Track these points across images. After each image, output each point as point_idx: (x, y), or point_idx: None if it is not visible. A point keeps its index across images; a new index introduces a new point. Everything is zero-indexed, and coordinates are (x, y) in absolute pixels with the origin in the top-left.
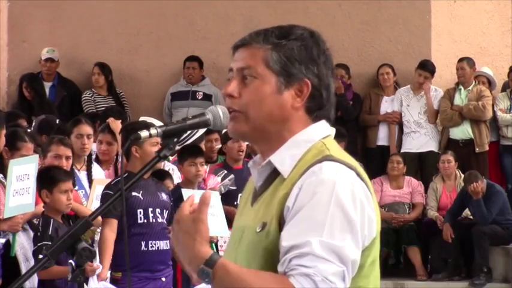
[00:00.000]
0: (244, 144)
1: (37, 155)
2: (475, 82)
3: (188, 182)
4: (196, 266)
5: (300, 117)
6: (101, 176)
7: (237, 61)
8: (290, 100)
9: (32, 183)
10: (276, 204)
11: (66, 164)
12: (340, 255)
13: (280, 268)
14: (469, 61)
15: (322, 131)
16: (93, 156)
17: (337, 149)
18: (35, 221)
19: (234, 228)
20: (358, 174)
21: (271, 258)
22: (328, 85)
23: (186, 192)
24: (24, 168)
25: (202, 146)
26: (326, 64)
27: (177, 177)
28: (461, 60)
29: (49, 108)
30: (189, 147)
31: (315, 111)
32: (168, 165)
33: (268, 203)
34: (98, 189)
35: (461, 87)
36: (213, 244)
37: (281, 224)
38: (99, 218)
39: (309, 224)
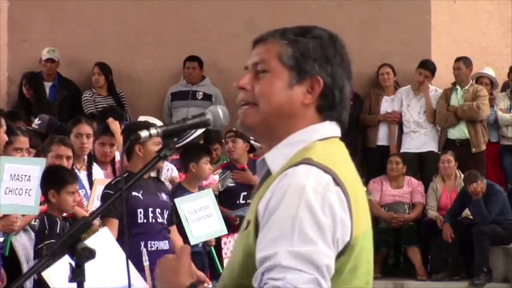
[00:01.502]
0: (233, 145)
1: (44, 159)
2: (472, 82)
3: (192, 180)
4: None
5: (309, 115)
6: (101, 176)
7: (252, 57)
8: (301, 96)
9: (34, 185)
10: (255, 204)
11: (66, 164)
12: (312, 261)
13: (254, 284)
14: (466, 61)
15: (324, 131)
16: None
17: (325, 152)
18: (33, 222)
19: None
20: (334, 179)
21: (250, 259)
22: (342, 86)
23: (179, 202)
24: (25, 169)
25: None
26: (342, 65)
27: (175, 176)
28: (457, 60)
29: (48, 108)
30: (201, 146)
31: (325, 110)
32: (166, 165)
33: (254, 200)
34: (99, 190)
35: (457, 87)
36: (212, 248)
37: (257, 226)
38: (96, 222)
39: (278, 232)
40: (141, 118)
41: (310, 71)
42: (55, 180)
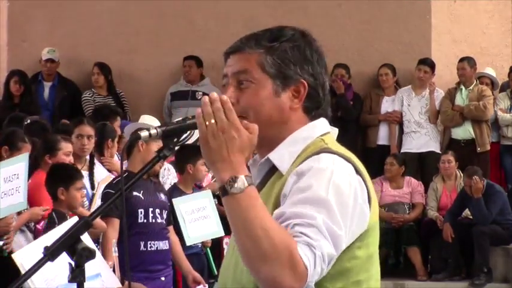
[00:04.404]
0: None
1: (27, 154)
2: (476, 82)
3: (188, 181)
4: (233, 173)
5: (299, 118)
6: (103, 176)
7: (231, 66)
8: (288, 102)
9: (22, 182)
10: (273, 199)
11: (68, 160)
12: (335, 242)
13: None
14: (470, 61)
15: (321, 128)
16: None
17: (335, 144)
18: (31, 225)
19: None
20: (354, 167)
21: None
22: (324, 83)
23: (177, 202)
24: (13, 169)
25: None
26: (319, 62)
27: (173, 177)
28: (462, 60)
29: (34, 108)
30: (199, 147)
31: (313, 110)
32: (164, 165)
33: (266, 199)
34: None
35: (462, 87)
36: (208, 249)
37: None
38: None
39: (311, 204)
40: (143, 117)
41: (293, 76)
42: (63, 177)
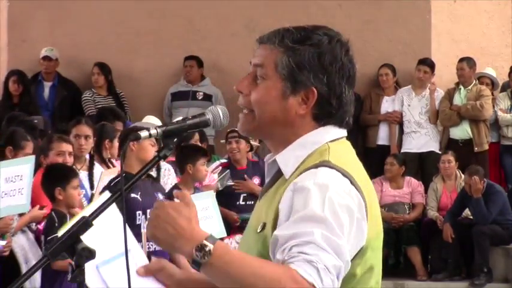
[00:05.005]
0: (236, 146)
1: (33, 156)
2: (475, 82)
3: (188, 181)
4: (194, 243)
5: (307, 124)
6: None
7: (255, 57)
8: (295, 106)
9: (26, 184)
10: (275, 206)
11: (68, 159)
12: (338, 252)
13: (279, 256)
14: (469, 61)
15: (333, 134)
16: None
17: (340, 154)
18: (34, 226)
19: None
20: (352, 183)
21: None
22: (340, 93)
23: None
24: (16, 170)
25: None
26: (340, 72)
27: (173, 177)
28: (461, 60)
29: (34, 108)
30: (199, 148)
31: (323, 118)
32: (164, 165)
33: (269, 202)
34: (106, 181)
35: (461, 87)
36: None
37: (275, 226)
38: None
39: (307, 221)
40: (148, 118)
41: (304, 82)
42: (59, 177)
